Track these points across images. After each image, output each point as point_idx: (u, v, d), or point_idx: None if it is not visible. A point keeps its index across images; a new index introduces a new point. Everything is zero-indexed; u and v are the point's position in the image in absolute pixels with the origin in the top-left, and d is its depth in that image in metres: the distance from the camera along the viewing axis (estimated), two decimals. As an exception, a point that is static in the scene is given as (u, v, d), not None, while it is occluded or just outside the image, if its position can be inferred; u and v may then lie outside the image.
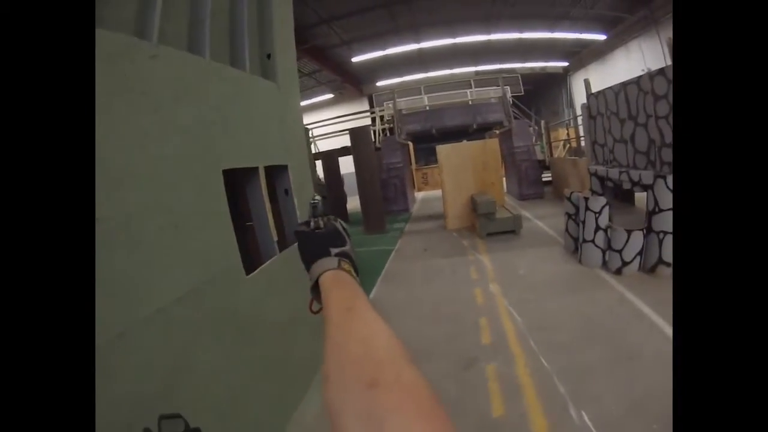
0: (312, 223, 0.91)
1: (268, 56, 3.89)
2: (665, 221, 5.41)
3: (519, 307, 5.12)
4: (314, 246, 0.84)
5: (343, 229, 0.90)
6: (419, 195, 20.03)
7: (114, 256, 1.86)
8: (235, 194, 3.39)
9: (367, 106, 22.84)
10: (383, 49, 17.65)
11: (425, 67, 21.05)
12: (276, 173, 3.82)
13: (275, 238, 3.45)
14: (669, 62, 7.74)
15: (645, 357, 3.60)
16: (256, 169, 3.37)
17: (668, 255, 5.43)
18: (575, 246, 6.89)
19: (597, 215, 6.14)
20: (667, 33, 13.57)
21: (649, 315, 4.41)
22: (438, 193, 12.36)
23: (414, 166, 21.20)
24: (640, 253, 5.77)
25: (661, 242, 5.49)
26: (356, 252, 0.90)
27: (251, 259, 3.36)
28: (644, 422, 2.85)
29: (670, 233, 5.33)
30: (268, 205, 3.42)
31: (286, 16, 4.27)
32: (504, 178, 13.80)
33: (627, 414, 2.96)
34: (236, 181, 3.41)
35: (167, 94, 2.38)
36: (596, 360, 3.69)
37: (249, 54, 3.42)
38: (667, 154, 5.65)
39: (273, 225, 3.46)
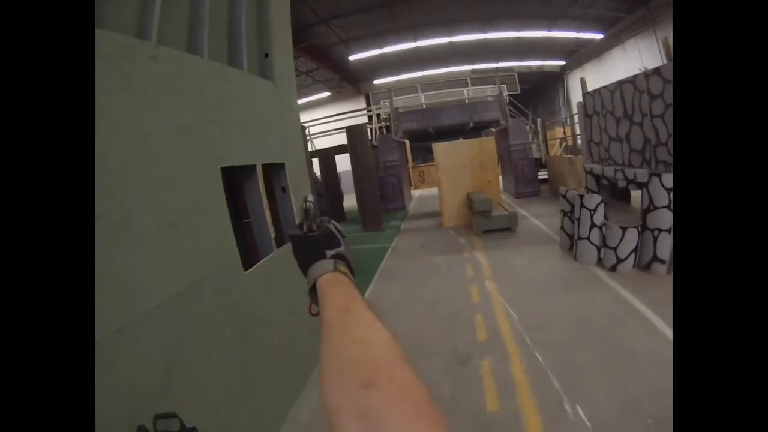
0: (305, 226, 0.91)
1: (266, 55, 3.91)
2: (660, 219, 5.45)
3: (514, 305, 5.16)
4: (309, 249, 0.85)
5: (337, 230, 0.91)
6: (416, 193, 20.04)
7: (114, 253, 1.88)
8: (233, 192, 3.42)
9: (364, 105, 22.87)
10: (381, 47, 17.64)
11: (422, 65, 21.04)
12: (273, 171, 3.85)
13: (273, 235, 3.48)
14: (665, 62, 7.77)
15: (640, 354, 3.65)
16: (253, 166, 3.39)
17: (663, 252, 5.48)
18: (570, 243, 6.94)
19: (592, 213, 6.18)
20: (664, 33, 13.61)
21: (644, 312, 4.46)
22: (434, 191, 12.38)
23: (411, 164, 21.24)
24: (635, 251, 5.82)
25: (655, 240, 5.53)
26: (352, 251, 0.91)
27: (249, 255, 3.39)
28: (638, 416, 2.90)
29: (665, 231, 5.38)
30: (265, 203, 3.45)
31: (283, 16, 4.29)
32: (500, 176, 13.84)
33: (622, 409, 3.01)
34: (234, 179, 3.44)
35: (167, 93, 2.41)
36: (591, 356, 3.73)
37: (247, 54, 3.45)
38: (662, 153, 5.70)
39: (271, 222, 3.48)
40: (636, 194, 7.88)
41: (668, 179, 5.29)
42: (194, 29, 2.91)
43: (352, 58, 18.32)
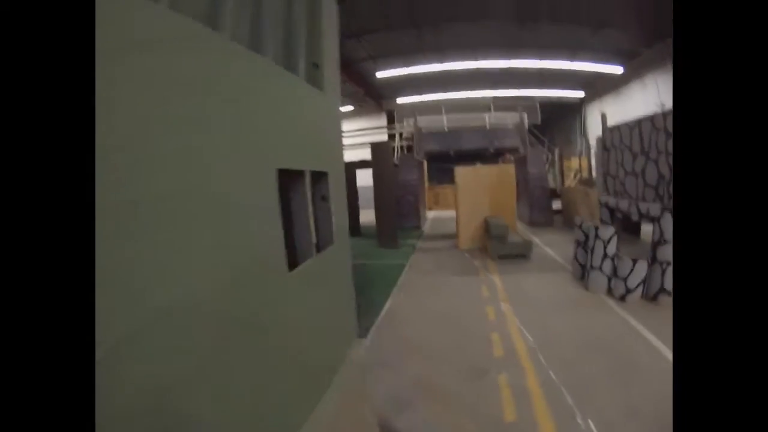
0: None
1: (315, 65, 4.12)
2: (669, 252, 5.69)
3: (529, 326, 5.38)
4: None
5: None
6: (430, 214, 20.16)
7: (156, 244, 1.88)
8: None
9: (384, 121, 23.10)
10: (407, 66, 17.90)
11: (445, 87, 21.23)
12: (315, 179, 4.07)
13: (314, 241, 3.69)
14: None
15: (645, 374, 3.93)
16: (302, 172, 3.60)
17: (670, 284, 5.71)
18: (582, 272, 7.14)
19: (606, 244, 6.41)
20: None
21: (650, 339, 4.69)
22: (448, 213, 12.56)
23: (426, 185, 21.43)
24: (643, 282, 6.04)
25: (663, 272, 5.78)
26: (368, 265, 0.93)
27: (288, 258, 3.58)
28: (643, 428, 3.15)
29: (674, 264, 5.57)
30: (311, 209, 3.66)
31: (332, 28, 4.50)
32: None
33: (627, 419, 3.27)
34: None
35: (233, 88, 2.52)
36: (600, 376, 3.97)
37: (302, 61, 3.67)
38: (676, 190, 5.91)
39: (314, 228, 3.69)
40: (645, 228, 8.05)
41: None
42: (258, 31, 3.05)
43: (378, 74, 18.57)
